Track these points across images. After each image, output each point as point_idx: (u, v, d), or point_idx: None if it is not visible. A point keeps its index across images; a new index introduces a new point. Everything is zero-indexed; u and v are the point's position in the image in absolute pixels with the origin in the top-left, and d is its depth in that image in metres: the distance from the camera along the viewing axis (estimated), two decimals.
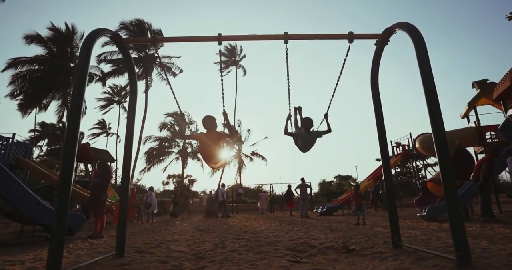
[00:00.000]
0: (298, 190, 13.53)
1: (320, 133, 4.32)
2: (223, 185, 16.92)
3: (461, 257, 2.32)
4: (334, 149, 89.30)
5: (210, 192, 21.94)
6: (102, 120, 39.23)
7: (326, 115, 4.28)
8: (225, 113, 3.95)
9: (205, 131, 4.10)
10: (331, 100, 4.21)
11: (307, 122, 4.30)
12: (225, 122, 3.99)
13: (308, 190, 13.97)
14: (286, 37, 3.31)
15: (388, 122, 3.83)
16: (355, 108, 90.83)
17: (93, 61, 25.61)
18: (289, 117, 4.34)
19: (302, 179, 13.65)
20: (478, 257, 2.77)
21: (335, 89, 4.09)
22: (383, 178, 4.01)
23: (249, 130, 33.59)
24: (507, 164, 8.04)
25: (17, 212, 5.29)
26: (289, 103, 4.24)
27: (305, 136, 4.28)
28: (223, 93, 3.86)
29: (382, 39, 3.40)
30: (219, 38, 3.31)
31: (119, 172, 33.48)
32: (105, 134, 39.58)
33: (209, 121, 4.04)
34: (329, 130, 4.32)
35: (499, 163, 8.29)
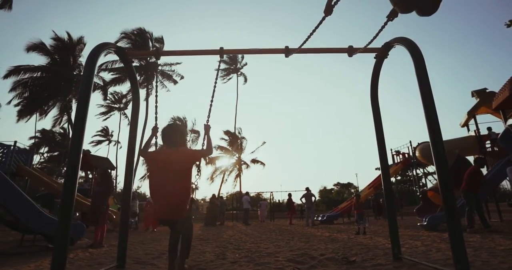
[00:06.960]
0: (303, 199, 13.51)
1: None
2: (247, 193, 17.08)
3: None
4: (335, 156, 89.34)
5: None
6: (105, 128, 39.34)
7: None
8: (207, 127, 3.15)
9: (165, 148, 2.99)
10: None
11: None
12: (206, 137, 3.10)
13: (313, 199, 13.94)
14: (287, 51, 3.37)
15: (388, 131, 3.83)
16: (356, 116, 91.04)
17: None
18: None
19: (307, 188, 13.62)
20: None
21: None
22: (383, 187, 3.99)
23: (245, 138, 33.64)
24: (507, 173, 8.06)
25: (16, 221, 5.28)
26: None
27: None
28: (212, 102, 3.31)
29: (381, 53, 3.46)
30: (221, 52, 3.37)
31: (119, 179, 33.40)
32: (107, 142, 39.63)
33: (174, 132, 3.00)
34: None
35: (499, 172, 8.31)
